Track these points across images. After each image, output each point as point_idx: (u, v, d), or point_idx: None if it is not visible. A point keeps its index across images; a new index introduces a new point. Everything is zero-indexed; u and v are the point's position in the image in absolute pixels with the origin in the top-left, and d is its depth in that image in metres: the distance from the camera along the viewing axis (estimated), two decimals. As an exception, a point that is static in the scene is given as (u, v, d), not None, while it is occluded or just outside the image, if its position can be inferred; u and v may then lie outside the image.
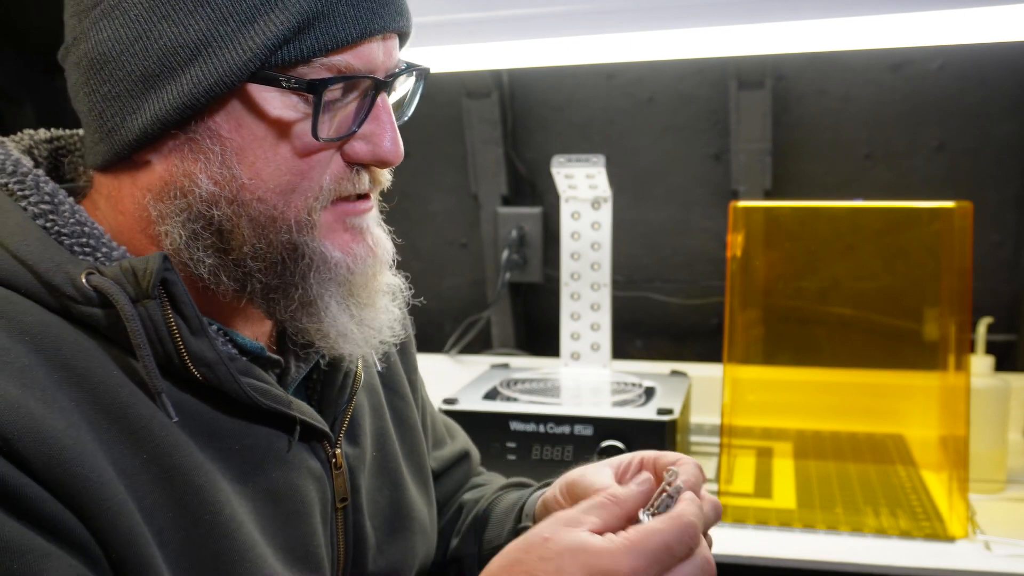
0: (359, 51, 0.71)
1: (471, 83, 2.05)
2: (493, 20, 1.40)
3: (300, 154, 0.71)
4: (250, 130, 0.70)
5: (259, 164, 0.70)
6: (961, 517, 1.31)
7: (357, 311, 0.76)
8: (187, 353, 0.69)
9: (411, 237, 2.26)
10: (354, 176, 0.74)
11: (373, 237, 0.77)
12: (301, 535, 0.76)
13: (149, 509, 0.66)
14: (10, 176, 0.73)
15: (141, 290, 0.67)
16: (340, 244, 0.74)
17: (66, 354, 0.66)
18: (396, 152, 0.74)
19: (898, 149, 1.97)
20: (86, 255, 0.70)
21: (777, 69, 1.95)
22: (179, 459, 0.68)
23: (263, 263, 0.72)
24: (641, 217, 2.13)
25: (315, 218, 0.72)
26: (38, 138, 0.81)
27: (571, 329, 1.75)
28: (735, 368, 1.45)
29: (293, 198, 0.71)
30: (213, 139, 0.70)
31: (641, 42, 1.41)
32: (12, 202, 0.71)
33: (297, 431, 0.77)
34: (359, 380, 0.85)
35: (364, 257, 0.76)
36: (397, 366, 0.99)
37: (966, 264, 1.35)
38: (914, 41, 1.38)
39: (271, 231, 0.71)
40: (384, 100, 0.74)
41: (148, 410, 0.68)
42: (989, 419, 1.47)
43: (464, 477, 1.12)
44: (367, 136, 0.73)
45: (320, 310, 0.74)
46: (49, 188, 0.72)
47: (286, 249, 0.72)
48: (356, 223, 0.75)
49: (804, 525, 1.35)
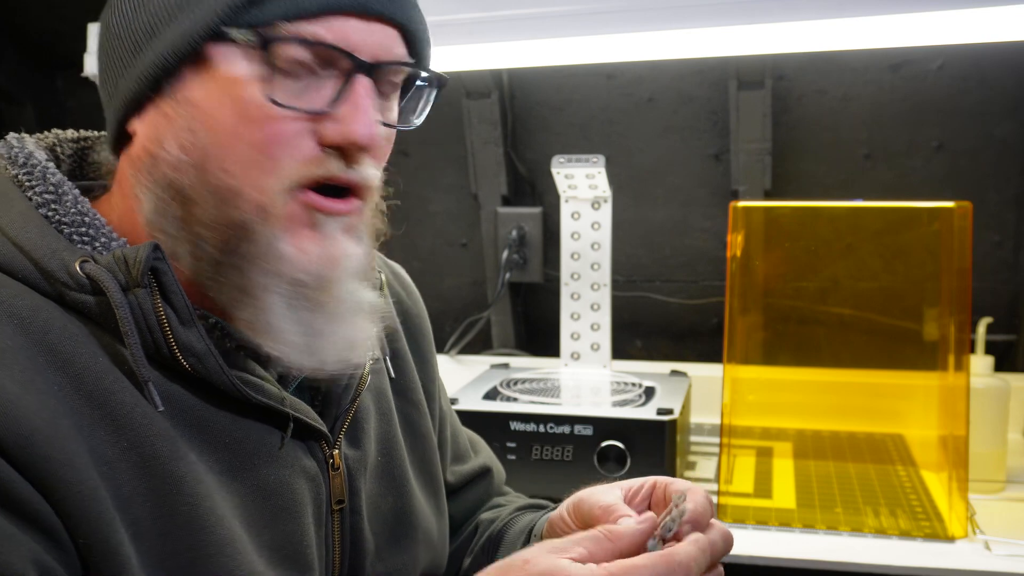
0: (332, 24, 0.69)
1: (471, 83, 2.05)
2: (493, 20, 1.40)
3: (260, 121, 0.69)
4: (215, 94, 0.70)
5: (222, 131, 0.69)
6: (961, 517, 1.31)
7: (308, 317, 0.72)
8: (176, 343, 0.69)
9: (411, 237, 2.26)
10: (325, 160, 0.71)
11: (334, 242, 0.72)
12: (289, 534, 0.75)
13: (126, 497, 0.65)
14: (20, 168, 0.74)
15: (132, 278, 0.68)
16: (295, 239, 0.71)
17: (53, 338, 0.66)
18: (368, 136, 0.71)
19: (898, 149, 1.97)
20: (84, 244, 0.71)
21: (777, 69, 1.95)
22: (160, 448, 0.68)
23: (215, 235, 0.70)
24: (641, 217, 2.13)
25: (276, 201, 0.70)
26: (63, 136, 0.83)
27: (571, 329, 1.75)
28: (735, 368, 1.45)
29: (255, 174, 0.69)
30: (182, 103, 0.70)
31: (641, 42, 1.41)
32: (19, 191, 0.73)
33: (290, 428, 0.76)
34: (364, 382, 0.84)
35: (317, 259, 0.71)
36: (412, 374, 0.97)
37: (966, 264, 1.35)
38: (914, 41, 1.38)
39: (229, 205, 0.70)
40: (365, 84, 0.71)
41: (131, 398, 0.67)
42: (989, 419, 1.48)
43: (484, 494, 1.09)
44: (340, 117, 0.71)
45: (256, 303, 0.71)
46: (55, 179, 0.73)
47: (240, 228, 0.70)
48: (322, 222, 0.72)
49: (804, 525, 1.35)
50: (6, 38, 2.20)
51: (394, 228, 0.82)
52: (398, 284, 1.03)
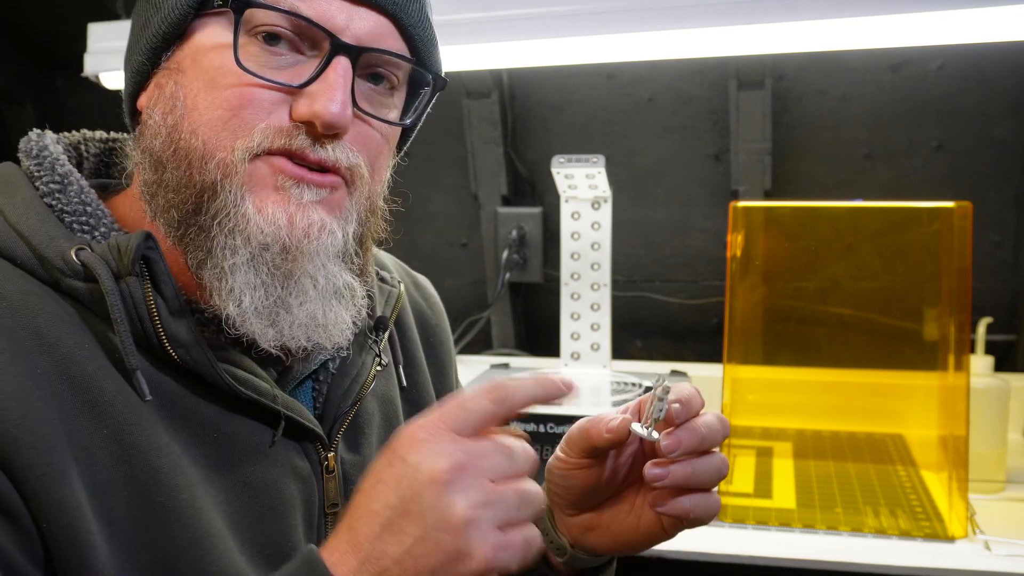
0: (312, 1, 0.71)
1: (471, 83, 2.05)
2: (493, 20, 1.40)
3: (232, 86, 0.70)
4: (199, 64, 0.72)
5: (199, 97, 0.71)
6: (961, 517, 1.31)
7: (271, 284, 0.71)
8: (164, 332, 0.69)
9: (411, 237, 2.26)
10: (292, 132, 0.71)
11: (302, 209, 0.71)
12: (275, 533, 0.75)
13: (103, 485, 0.65)
14: (33, 159, 0.76)
15: (123, 266, 0.68)
16: (259, 199, 0.70)
17: (41, 323, 0.67)
18: (336, 115, 0.70)
19: (898, 149, 1.97)
20: (85, 233, 0.73)
21: (777, 69, 1.95)
22: (139, 438, 0.67)
23: (180, 197, 0.71)
24: (641, 217, 2.13)
25: (239, 163, 0.70)
26: (90, 136, 0.85)
27: (571, 329, 1.75)
28: (735, 368, 1.45)
29: (223, 136, 0.70)
30: (172, 73, 0.73)
31: (641, 42, 1.41)
32: (27, 181, 0.75)
33: (281, 426, 0.75)
34: (367, 387, 0.83)
35: (278, 220, 0.70)
36: (426, 384, 0.97)
37: (966, 264, 1.35)
38: (914, 41, 1.38)
39: (196, 167, 0.70)
40: (343, 64, 0.71)
41: (115, 385, 0.67)
42: (989, 419, 1.48)
43: None
44: (312, 94, 0.71)
45: (221, 263, 0.70)
46: (62, 171, 0.75)
47: (206, 189, 0.70)
48: (286, 185, 0.71)
49: (804, 525, 1.35)
50: (6, 38, 2.20)
51: (394, 228, 0.82)
52: (419, 295, 1.03)
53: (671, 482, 0.74)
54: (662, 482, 0.74)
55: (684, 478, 0.74)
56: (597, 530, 0.83)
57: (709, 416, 0.74)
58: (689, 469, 0.74)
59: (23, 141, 0.78)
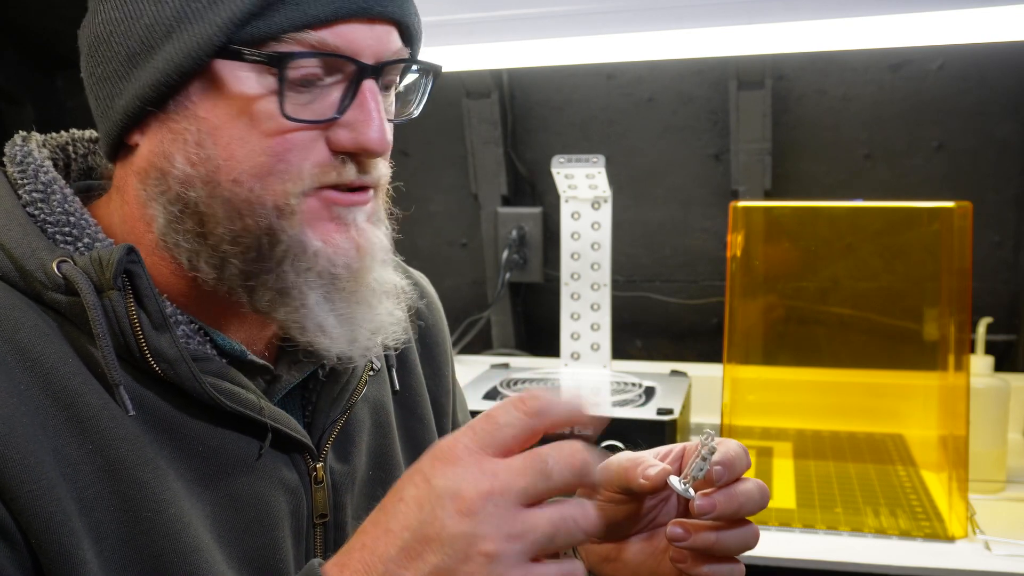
0: (338, 31, 0.69)
1: (471, 83, 2.05)
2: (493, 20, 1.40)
3: (273, 134, 0.69)
4: (224, 109, 0.69)
5: (234, 145, 0.69)
6: (961, 517, 1.31)
7: (344, 307, 0.72)
8: (147, 347, 0.68)
9: (411, 237, 2.26)
10: (339, 165, 0.71)
11: (360, 231, 0.72)
12: (262, 546, 0.74)
13: (90, 501, 0.65)
14: (17, 166, 0.74)
15: (105, 280, 0.67)
16: (322, 233, 0.71)
17: (23, 337, 0.66)
18: (380, 141, 0.70)
19: (898, 149, 1.97)
20: (67, 244, 0.71)
21: (777, 69, 1.95)
22: (125, 452, 0.67)
23: (239, 248, 0.70)
24: (641, 217, 2.13)
25: (295, 204, 0.69)
26: (78, 136, 0.82)
27: (571, 329, 1.75)
28: (735, 368, 1.45)
29: (270, 181, 0.69)
30: (189, 119, 0.69)
31: (641, 42, 1.41)
32: (9, 189, 0.73)
33: (268, 439, 0.74)
34: (357, 394, 0.82)
35: (347, 249, 0.71)
36: (420, 387, 0.95)
37: (966, 264, 1.35)
38: (914, 41, 1.38)
39: (247, 215, 0.69)
40: (372, 88, 0.71)
41: (99, 400, 0.67)
42: (989, 419, 1.48)
43: None
44: (351, 124, 0.70)
45: (296, 300, 0.71)
46: (46, 178, 0.73)
47: (264, 234, 0.69)
48: (342, 214, 0.72)
49: (804, 525, 1.35)
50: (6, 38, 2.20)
51: (394, 228, 0.82)
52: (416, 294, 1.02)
53: (691, 546, 0.73)
54: (682, 544, 0.73)
55: (706, 545, 0.73)
56: (616, 563, 0.82)
57: (750, 484, 0.72)
58: (713, 538, 0.72)
59: (8, 146, 0.76)
